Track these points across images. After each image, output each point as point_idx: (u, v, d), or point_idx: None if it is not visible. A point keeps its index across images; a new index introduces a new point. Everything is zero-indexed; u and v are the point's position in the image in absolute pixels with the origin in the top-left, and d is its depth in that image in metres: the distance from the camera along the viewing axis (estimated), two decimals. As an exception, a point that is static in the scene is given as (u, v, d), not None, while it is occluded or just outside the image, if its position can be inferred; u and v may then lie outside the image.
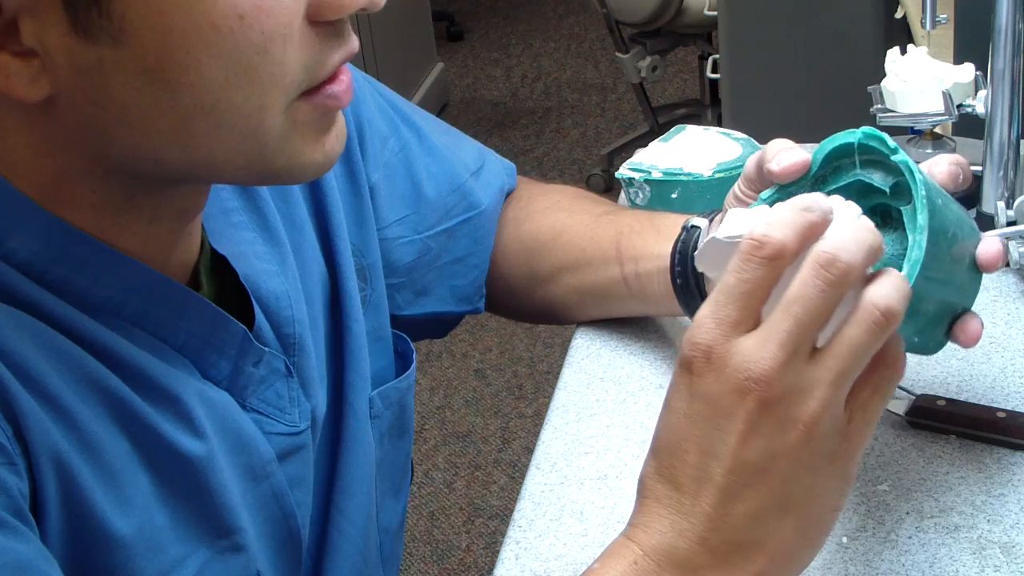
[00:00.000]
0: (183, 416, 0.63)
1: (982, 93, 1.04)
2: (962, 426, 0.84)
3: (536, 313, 1.00)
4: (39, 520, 0.57)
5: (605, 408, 0.93)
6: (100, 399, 0.60)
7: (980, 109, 1.04)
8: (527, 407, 2.61)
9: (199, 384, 0.65)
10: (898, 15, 1.81)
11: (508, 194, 0.99)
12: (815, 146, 0.71)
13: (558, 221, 0.96)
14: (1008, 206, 1.01)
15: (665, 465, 0.60)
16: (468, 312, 0.96)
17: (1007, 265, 1.01)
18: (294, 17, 0.57)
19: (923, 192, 0.65)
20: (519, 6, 5.07)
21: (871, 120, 1.12)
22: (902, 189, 0.69)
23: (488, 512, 2.32)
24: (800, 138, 0.91)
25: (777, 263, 0.56)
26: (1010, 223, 1.01)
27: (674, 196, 1.15)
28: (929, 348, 0.72)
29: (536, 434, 0.92)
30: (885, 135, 0.68)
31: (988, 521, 0.77)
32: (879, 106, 1.11)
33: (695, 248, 0.83)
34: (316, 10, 0.58)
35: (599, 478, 0.86)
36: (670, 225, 0.89)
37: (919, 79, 1.07)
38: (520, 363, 2.76)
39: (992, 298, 1.00)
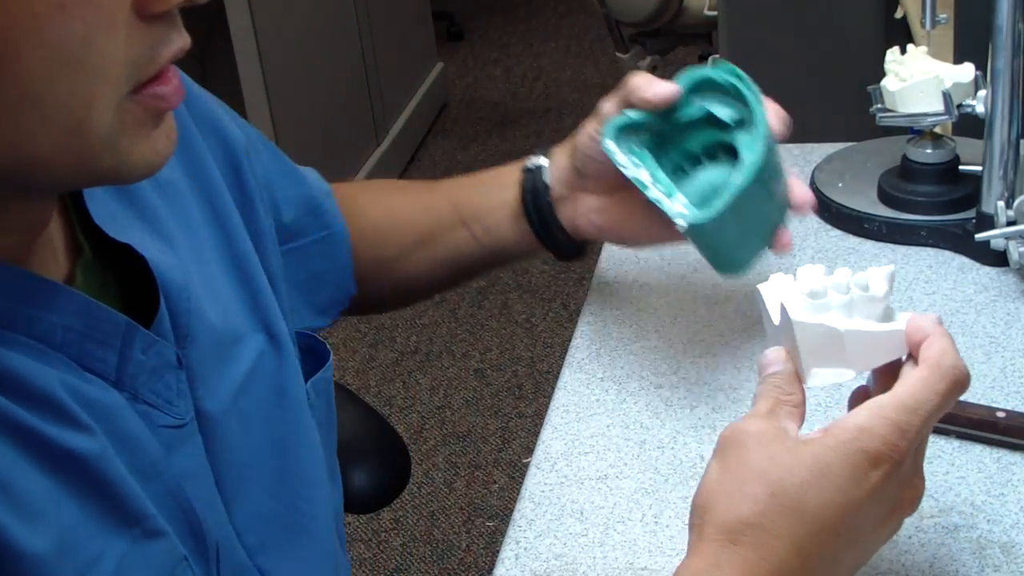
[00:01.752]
0: (62, 414, 0.61)
1: (982, 93, 1.04)
2: (962, 426, 0.84)
3: (396, 295, 1.06)
4: None
5: (605, 408, 0.93)
6: None
7: (980, 109, 1.04)
8: (527, 407, 2.61)
9: (77, 382, 0.63)
10: (898, 15, 1.81)
11: None
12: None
13: (388, 203, 1.01)
14: (1008, 206, 1.01)
15: (806, 534, 0.62)
16: (333, 321, 0.99)
17: (1007, 265, 1.01)
18: (119, 8, 0.55)
19: (764, 114, 0.87)
20: (519, 6, 5.07)
21: (871, 120, 1.12)
22: (743, 124, 0.88)
23: (488, 512, 2.32)
24: (800, 138, 0.91)
25: None
26: (1010, 223, 1.01)
27: (674, 196, 1.15)
28: (740, 260, 0.89)
29: (536, 434, 0.92)
30: (742, 73, 0.89)
31: (988, 521, 0.77)
32: (879, 106, 1.11)
33: (544, 186, 0.96)
34: (144, 2, 0.56)
35: (599, 478, 0.86)
36: (497, 175, 0.98)
37: (919, 79, 1.07)
38: (520, 363, 2.76)
39: (992, 298, 1.00)
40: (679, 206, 0.86)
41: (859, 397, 0.70)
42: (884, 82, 1.10)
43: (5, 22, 0.52)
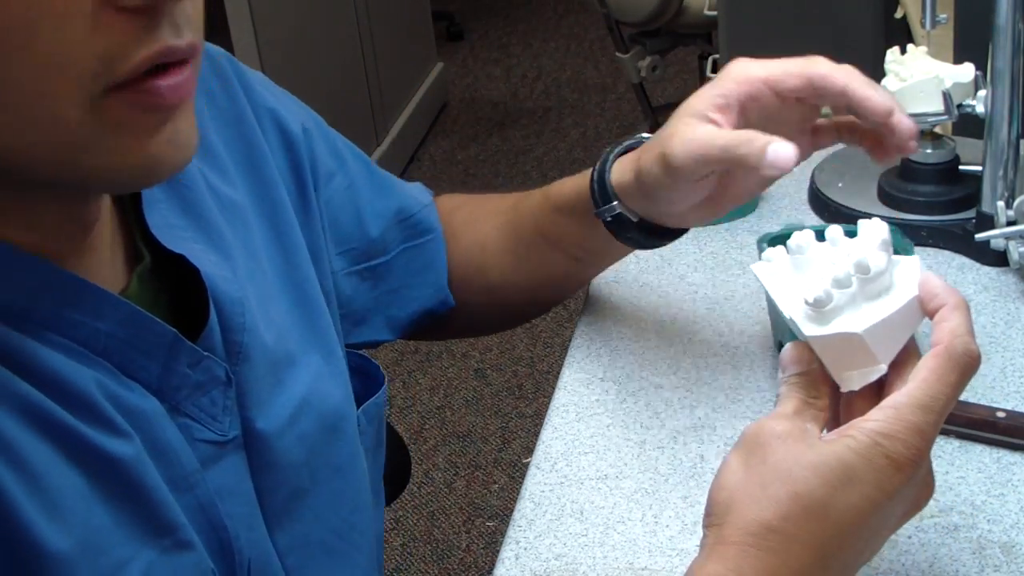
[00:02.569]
0: (99, 418, 0.60)
1: (982, 93, 1.04)
2: (962, 426, 0.84)
3: (514, 314, 1.04)
4: None
5: (605, 408, 0.93)
6: (12, 403, 0.57)
7: (980, 109, 1.04)
8: (527, 407, 2.61)
9: (117, 388, 0.62)
10: (898, 15, 1.81)
11: None
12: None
13: (480, 233, 0.98)
14: (1008, 206, 1.01)
15: (829, 538, 0.61)
16: (390, 340, 0.98)
17: (1007, 265, 1.02)
18: None
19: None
20: (519, 6, 5.07)
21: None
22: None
23: (488, 512, 2.32)
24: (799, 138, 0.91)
25: None
26: (1010, 223, 1.01)
27: (674, 196, 1.15)
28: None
29: (536, 434, 0.92)
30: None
31: (988, 521, 0.77)
32: (879, 106, 1.11)
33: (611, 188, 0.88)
34: None
35: (599, 478, 0.86)
36: (576, 196, 0.91)
37: (919, 79, 1.07)
38: (520, 363, 2.76)
39: (992, 298, 1.00)
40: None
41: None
42: (884, 82, 1.10)
43: None
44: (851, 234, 0.68)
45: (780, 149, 0.74)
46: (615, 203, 0.87)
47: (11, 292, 0.59)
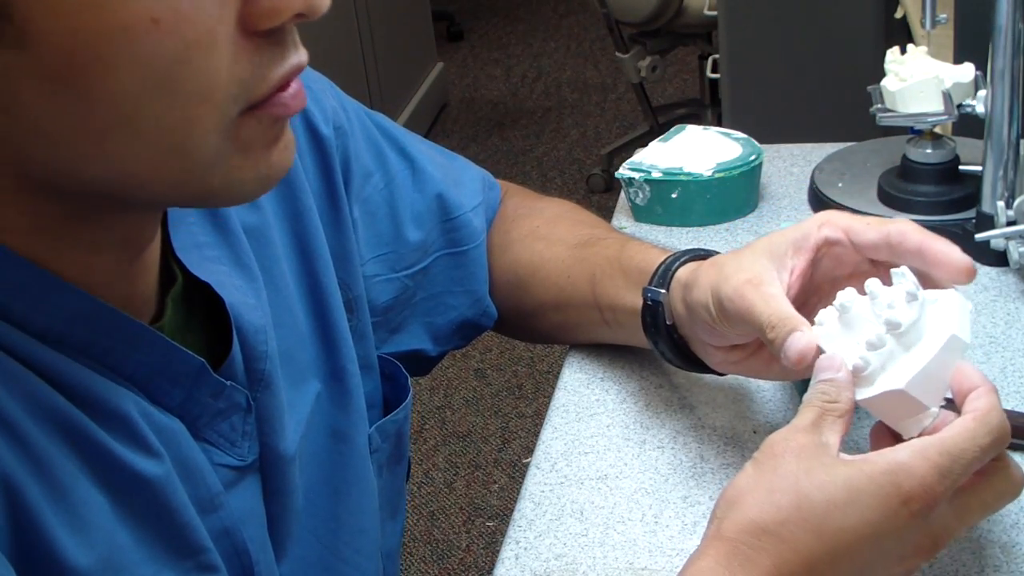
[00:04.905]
0: (134, 437, 0.60)
1: (982, 93, 1.04)
2: (962, 426, 0.84)
3: (534, 338, 1.02)
4: None
5: (605, 408, 0.93)
6: (45, 417, 0.57)
7: (980, 109, 1.04)
8: (527, 407, 2.61)
9: (148, 407, 0.62)
10: (898, 15, 1.81)
11: (491, 220, 0.98)
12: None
13: (536, 253, 0.95)
14: (1008, 206, 1.01)
15: (822, 553, 0.61)
16: (444, 352, 0.95)
17: (1007, 265, 1.01)
18: (219, 25, 0.52)
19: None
20: (519, 6, 5.07)
21: (871, 120, 1.12)
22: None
23: (488, 512, 2.32)
24: (800, 138, 0.90)
25: None
26: (1010, 223, 1.01)
27: (674, 196, 1.15)
28: None
29: (536, 434, 0.91)
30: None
31: (988, 521, 0.77)
32: (879, 106, 1.11)
33: (664, 319, 0.84)
34: (248, 19, 0.54)
35: (599, 478, 0.86)
36: (636, 272, 0.87)
37: (919, 79, 1.07)
38: (520, 363, 2.76)
39: (992, 298, 1.00)
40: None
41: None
42: (884, 82, 1.10)
43: (93, 37, 0.50)
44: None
45: (795, 342, 0.70)
46: (670, 323, 0.84)
47: (49, 318, 0.59)
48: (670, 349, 0.85)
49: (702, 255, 0.85)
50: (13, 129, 0.53)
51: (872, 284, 0.68)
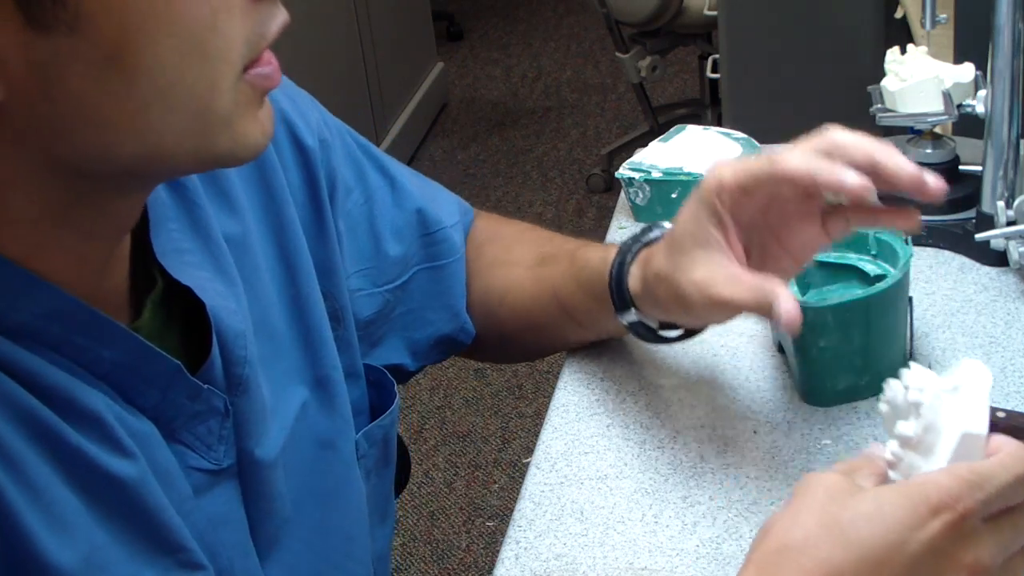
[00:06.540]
0: (107, 437, 0.61)
1: (982, 93, 1.04)
2: (962, 426, 0.84)
3: (518, 359, 1.08)
4: None
5: (605, 408, 0.93)
6: (19, 419, 0.57)
7: (980, 109, 1.04)
8: (527, 407, 2.61)
9: (120, 409, 0.62)
10: (898, 15, 1.81)
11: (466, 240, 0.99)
12: None
13: (498, 280, 0.96)
14: (1008, 206, 1.01)
15: (846, 562, 0.60)
16: (422, 367, 0.96)
17: (1007, 265, 1.02)
18: None
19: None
20: (519, 6, 5.07)
21: (871, 120, 1.12)
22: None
23: (488, 512, 2.32)
24: (800, 138, 0.90)
25: None
26: (1010, 223, 1.01)
27: (674, 196, 1.15)
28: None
29: (536, 434, 0.91)
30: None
31: (988, 521, 0.77)
32: (879, 106, 1.11)
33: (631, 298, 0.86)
34: None
35: (599, 478, 0.86)
36: (597, 281, 0.88)
37: (919, 79, 1.07)
38: (520, 363, 2.76)
39: (992, 298, 1.00)
40: None
41: None
42: (884, 82, 1.10)
43: (142, 14, 0.53)
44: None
45: (783, 304, 0.74)
46: (632, 310, 0.86)
47: (23, 315, 0.59)
48: (641, 324, 0.88)
49: (638, 248, 0.87)
50: (52, 115, 0.54)
51: (911, 378, 0.66)
